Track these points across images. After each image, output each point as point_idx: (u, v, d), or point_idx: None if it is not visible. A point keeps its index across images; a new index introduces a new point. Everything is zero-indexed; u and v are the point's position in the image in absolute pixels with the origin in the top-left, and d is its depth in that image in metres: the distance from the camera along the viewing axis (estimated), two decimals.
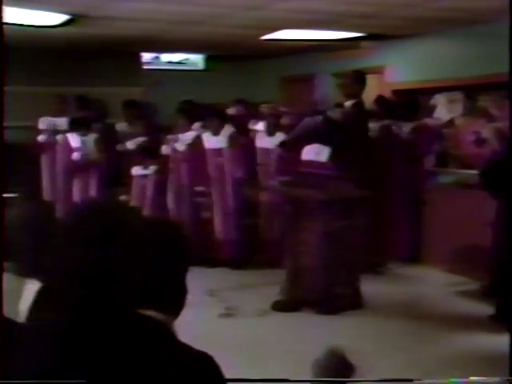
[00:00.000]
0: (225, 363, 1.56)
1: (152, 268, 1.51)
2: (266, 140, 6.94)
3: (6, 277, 1.79)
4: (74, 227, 1.61)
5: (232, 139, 6.73)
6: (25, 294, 1.73)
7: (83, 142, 7.50)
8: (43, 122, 8.12)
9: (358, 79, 6.41)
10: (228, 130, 6.77)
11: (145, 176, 7.08)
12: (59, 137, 7.88)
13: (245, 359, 4.10)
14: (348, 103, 6.33)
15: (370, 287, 5.57)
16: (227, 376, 1.53)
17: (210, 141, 6.78)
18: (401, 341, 4.67)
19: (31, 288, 1.72)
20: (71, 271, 1.53)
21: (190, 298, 1.62)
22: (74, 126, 7.63)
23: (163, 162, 7.03)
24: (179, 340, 1.52)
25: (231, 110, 7.95)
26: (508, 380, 2.68)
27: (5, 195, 2.12)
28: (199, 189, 6.85)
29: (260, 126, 7.17)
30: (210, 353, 1.49)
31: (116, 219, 1.60)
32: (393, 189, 6.71)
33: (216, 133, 6.74)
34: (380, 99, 7.25)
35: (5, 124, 2.30)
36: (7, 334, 1.53)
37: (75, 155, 7.50)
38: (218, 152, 6.73)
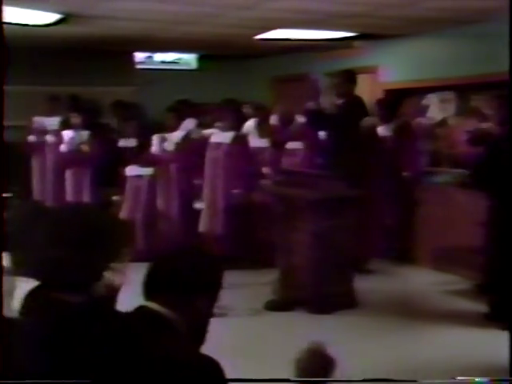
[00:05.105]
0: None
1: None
2: (257, 141, 6.97)
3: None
4: (49, 229, 1.64)
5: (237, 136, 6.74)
6: (16, 291, 1.75)
7: (75, 137, 7.49)
8: (35, 122, 8.09)
9: (348, 79, 6.42)
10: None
11: (139, 176, 7.06)
12: (50, 137, 7.86)
13: (238, 359, 4.10)
14: (339, 102, 6.35)
15: (363, 286, 5.58)
16: None
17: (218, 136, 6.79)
18: (393, 340, 4.68)
19: (22, 285, 1.74)
20: (49, 271, 1.55)
21: None
22: (67, 126, 7.62)
23: (161, 163, 7.02)
24: (188, 343, 1.53)
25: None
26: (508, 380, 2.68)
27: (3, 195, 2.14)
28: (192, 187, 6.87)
29: (249, 126, 7.19)
30: (204, 352, 1.49)
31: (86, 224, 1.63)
32: (384, 188, 6.72)
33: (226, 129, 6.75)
34: (381, 101, 7.22)
35: None
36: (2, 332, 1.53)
37: (63, 147, 7.49)
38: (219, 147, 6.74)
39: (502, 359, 4.06)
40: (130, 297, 1.98)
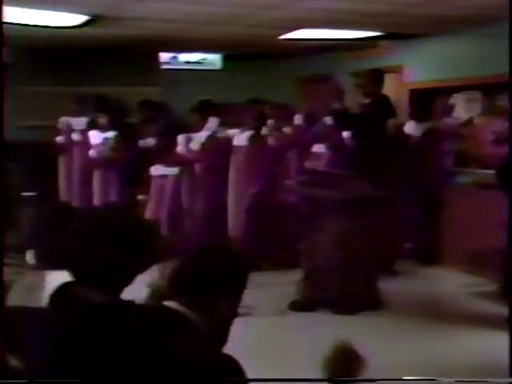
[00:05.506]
0: (242, 362, 1.57)
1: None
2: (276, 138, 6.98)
3: (29, 273, 1.88)
4: (77, 227, 1.67)
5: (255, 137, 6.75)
6: (47, 284, 1.79)
7: (103, 140, 7.53)
8: (63, 123, 8.17)
9: (375, 78, 6.41)
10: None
11: (164, 176, 7.10)
12: (78, 136, 7.92)
13: (261, 358, 4.11)
14: (366, 102, 6.34)
15: (387, 287, 5.56)
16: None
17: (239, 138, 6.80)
18: (418, 341, 4.66)
19: (51, 278, 1.77)
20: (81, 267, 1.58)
21: None
22: (94, 126, 7.68)
23: (186, 163, 7.04)
24: (209, 343, 1.54)
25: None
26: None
27: (24, 194, 2.18)
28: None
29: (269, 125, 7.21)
30: (227, 352, 1.50)
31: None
32: (409, 188, 6.69)
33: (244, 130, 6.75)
34: (416, 100, 7.20)
35: (25, 124, 2.34)
36: (29, 322, 1.56)
37: (92, 152, 7.54)
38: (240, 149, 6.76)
39: None
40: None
